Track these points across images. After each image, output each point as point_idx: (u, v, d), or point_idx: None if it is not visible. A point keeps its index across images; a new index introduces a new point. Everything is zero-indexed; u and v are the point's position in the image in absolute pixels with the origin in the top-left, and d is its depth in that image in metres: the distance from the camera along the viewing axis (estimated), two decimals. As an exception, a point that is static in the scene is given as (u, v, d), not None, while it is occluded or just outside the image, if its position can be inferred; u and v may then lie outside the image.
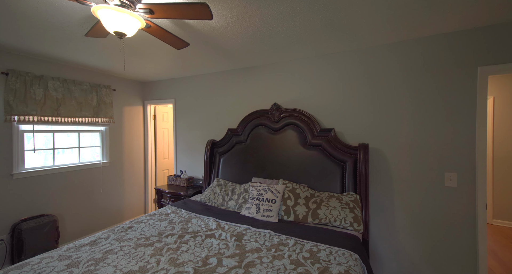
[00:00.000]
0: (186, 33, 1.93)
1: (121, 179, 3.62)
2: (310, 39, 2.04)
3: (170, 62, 2.79)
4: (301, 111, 2.47)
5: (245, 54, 2.48)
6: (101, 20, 1.29)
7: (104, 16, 1.24)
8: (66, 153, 3.06)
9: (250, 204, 2.18)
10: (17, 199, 2.51)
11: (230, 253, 1.49)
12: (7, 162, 2.45)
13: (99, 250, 1.51)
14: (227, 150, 2.99)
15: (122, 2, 1.23)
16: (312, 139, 2.39)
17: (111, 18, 1.25)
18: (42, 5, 1.52)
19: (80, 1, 1.20)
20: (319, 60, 2.49)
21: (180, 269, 1.31)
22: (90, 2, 1.22)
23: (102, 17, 1.25)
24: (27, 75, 2.56)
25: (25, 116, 2.53)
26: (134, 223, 1.98)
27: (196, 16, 1.31)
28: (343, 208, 1.90)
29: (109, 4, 1.21)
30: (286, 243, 1.59)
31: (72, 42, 2.16)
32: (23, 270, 1.28)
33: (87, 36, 1.60)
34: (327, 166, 2.26)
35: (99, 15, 1.25)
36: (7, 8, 1.56)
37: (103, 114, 3.31)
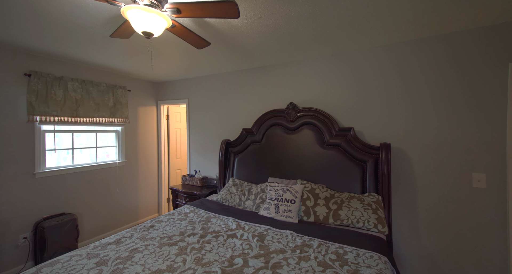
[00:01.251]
0: (206, 32, 1.93)
1: (136, 179, 3.66)
2: (331, 37, 2.00)
3: (184, 62, 2.80)
4: (318, 110, 2.44)
5: (262, 53, 2.46)
6: (129, 21, 1.29)
7: (133, 16, 1.25)
8: (83, 152, 3.12)
9: (269, 204, 2.16)
10: (39, 198, 2.57)
11: (254, 254, 1.48)
12: (29, 161, 2.51)
13: (125, 249, 1.52)
14: (241, 150, 2.99)
15: (151, 1, 1.23)
16: (330, 138, 2.36)
17: (139, 18, 1.25)
18: (69, 7, 1.54)
19: (110, 1, 1.21)
20: (338, 58, 2.45)
21: (207, 269, 1.31)
22: (120, 3, 1.23)
23: (131, 17, 1.26)
24: (48, 77, 2.61)
25: (46, 116, 2.59)
26: (155, 222, 1.99)
27: (223, 15, 1.31)
28: (366, 209, 1.86)
29: (138, 4, 1.22)
30: (310, 244, 1.57)
31: (93, 43, 2.20)
32: (54, 268, 1.30)
33: (112, 36, 1.61)
34: (346, 166, 2.22)
35: (128, 15, 1.26)
36: (33, 10, 1.59)
37: (119, 115, 3.36)
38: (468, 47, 1.88)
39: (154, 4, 1.26)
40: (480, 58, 1.84)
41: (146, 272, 1.28)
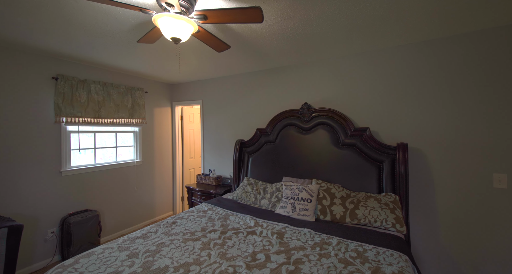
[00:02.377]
0: (226, 36, 2.00)
1: (152, 177, 3.79)
2: (349, 37, 2.03)
3: (201, 64, 2.89)
4: (333, 110, 2.46)
5: (278, 55, 2.51)
6: (160, 27, 1.37)
7: (163, 23, 1.33)
8: (102, 151, 3.25)
9: (285, 203, 2.21)
10: (65, 195, 2.71)
11: (275, 250, 1.53)
12: (56, 160, 2.65)
13: (152, 243, 1.61)
14: (256, 150, 3.04)
15: (181, 9, 1.30)
16: (345, 138, 2.38)
17: (169, 25, 1.33)
18: (100, 14, 1.64)
19: (144, 10, 1.29)
20: (354, 58, 2.47)
21: (232, 263, 1.37)
22: (151, 11, 1.31)
23: (161, 25, 1.34)
24: (73, 80, 2.76)
25: (72, 117, 2.73)
26: (177, 218, 2.07)
27: (247, 20, 1.37)
28: (383, 209, 1.88)
29: (169, 12, 1.29)
30: (329, 242, 1.61)
31: (117, 48, 2.31)
32: (90, 259, 1.39)
33: (140, 42, 1.70)
34: (362, 165, 2.24)
35: (158, 22, 1.34)
36: (65, 18, 1.69)
37: (137, 116, 3.48)
38: (490, 46, 1.86)
39: (183, 11, 1.33)
40: (504, 56, 1.83)
41: (174, 264, 1.36)
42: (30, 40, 2.10)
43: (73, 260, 1.38)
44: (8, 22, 1.75)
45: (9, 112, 2.30)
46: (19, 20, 1.72)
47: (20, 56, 2.38)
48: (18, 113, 2.36)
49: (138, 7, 1.27)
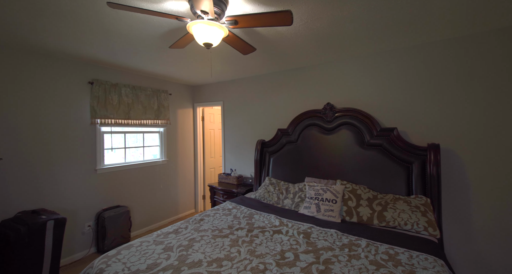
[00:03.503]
0: (251, 38, 2.04)
1: (176, 176, 3.94)
2: (375, 36, 1.99)
3: (224, 66, 2.96)
4: (358, 110, 2.42)
5: (301, 55, 2.52)
6: (193, 34, 1.44)
7: (197, 30, 1.40)
8: (130, 151, 3.44)
9: (309, 203, 2.21)
10: (99, 191, 2.91)
11: (303, 249, 1.55)
12: (92, 159, 2.86)
13: (184, 238, 1.69)
14: (277, 150, 3.07)
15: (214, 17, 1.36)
16: (370, 138, 2.33)
17: (202, 31, 1.39)
18: (137, 23, 1.76)
19: (180, 18, 1.36)
20: (379, 57, 2.42)
21: (261, 260, 1.41)
22: (186, 19, 1.38)
23: (195, 31, 1.41)
24: (106, 84, 2.95)
25: (105, 119, 2.93)
26: (204, 216, 2.16)
27: (276, 23, 1.40)
28: (413, 212, 1.83)
29: (203, 19, 1.36)
30: (357, 243, 1.60)
31: (147, 53, 2.44)
32: (130, 250, 1.50)
33: (172, 47, 1.80)
34: (389, 167, 2.19)
35: (192, 29, 1.41)
36: (104, 27, 1.83)
37: (162, 117, 3.64)
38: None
39: (215, 18, 1.40)
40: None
41: (207, 259, 1.42)
42: (71, 48, 2.28)
43: (115, 251, 1.50)
44: (53, 32, 1.92)
45: (51, 115, 2.52)
46: (63, 31, 1.88)
47: (61, 63, 2.59)
48: (59, 116, 2.58)
49: (174, 16, 1.35)
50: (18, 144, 2.28)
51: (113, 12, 1.59)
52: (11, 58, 2.25)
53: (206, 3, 1.23)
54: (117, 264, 1.35)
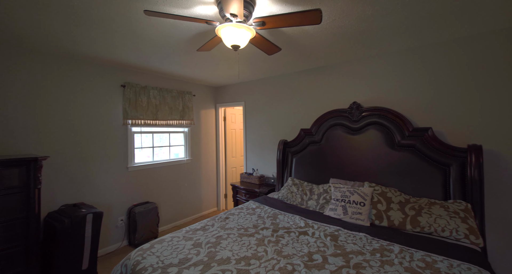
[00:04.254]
0: (276, 38, 2.04)
1: (199, 175, 4.06)
2: (408, 31, 1.89)
3: (247, 67, 2.99)
4: (387, 109, 2.31)
5: (326, 54, 2.46)
6: (221, 37, 1.48)
7: (225, 33, 1.43)
8: (157, 150, 3.61)
9: (335, 205, 2.16)
10: (131, 188, 3.10)
11: (331, 252, 1.51)
12: (124, 157, 3.04)
13: (211, 235, 1.74)
14: (300, 150, 3.03)
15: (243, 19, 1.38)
16: (402, 139, 2.21)
17: (231, 34, 1.42)
18: (167, 28, 1.84)
19: (209, 22, 1.40)
20: (411, 53, 2.29)
21: (289, 260, 1.40)
22: (216, 22, 1.42)
23: (223, 34, 1.44)
24: (136, 86, 3.12)
25: (135, 120, 3.10)
26: (229, 214, 2.20)
27: (304, 23, 1.38)
28: (452, 217, 1.70)
29: (231, 22, 1.38)
30: (389, 249, 1.52)
31: (175, 56, 2.54)
32: (163, 245, 1.58)
33: (199, 50, 1.85)
34: (423, 169, 2.06)
35: (221, 32, 1.44)
36: (136, 33, 1.93)
37: (187, 117, 3.77)
38: None
39: (243, 20, 1.41)
40: None
41: (235, 257, 1.45)
42: (106, 53, 2.45)
43: (149, 245, 1.59)
44: (91, 39, 2.08)
45: (89, 116, 2.73)
46: (100, 37, 2.03)
47: (97, 68, 2.79)
48: (96, 117, 2.78)
49: (204, 20, 1.39)
50: (62, 143, 2.50)
51: (146, 19, 1.68)
52: (56, 65, 2.47)
53: (235, 6, 1.25)
54: (152, 257, 1.43)
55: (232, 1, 1.20)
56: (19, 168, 1.80)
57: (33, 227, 1.86)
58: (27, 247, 1.84)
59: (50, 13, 1.59)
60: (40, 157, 1.91)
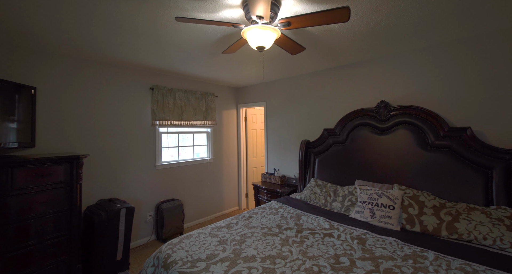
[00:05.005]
0: (300, 37, 2.03)
1: (221, 174, 4.15)
2: (443, 23, 1.77)
3: (269, 67, 3.00)
4: (419, 108, 2.18)
5: (351, 51, 2.39)
6: (247, 39, 1.51)
7: (251, 35, 1.45)
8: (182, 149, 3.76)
9: (361, 208, 2.09)
10: (158, 185, 3.26)
11: (359, 256, 1.47)
12: (152, 156, 3.22)
13: (236, 233, 1.78)
14: (323, 150, 2.97)
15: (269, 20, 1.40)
16: (436, 139, 2.07)
17: (256, 36, 1.44)
18: (194, 32, 1.91)
19: (235, 25, 1.44)
20: (446, 47, 2.14)
21: (315, 262, 1.39)
22: (242, 25, 1.45)
23: (249, 36, 1.47)
24: (164, 89, 3.28)
25: (163, 121, 3.26)
26: (252, 213, 2.23)
27: (332, 21, 1.36)
28: (495, 225, 1.56)
29: (257, 24, 1.41)
30: (423, 255, 1.44)
31: (199, 59, 2.64)
32: (190, 240, 1.65)
33: (224, 53, 1.91)
34: (460, 172, 1.91)
35: (247, 34, 1.47)
36: (165, 39, 2.03)
37: (210, 118, 3.88)
38: None
39: (269, 22, 1.43)
40: None
41: (260, 255, 1.47)
42: (137, 58, 2.61)
43: (178, 239, 1.66)
44: (127, 46, 2.23)
45: (122, 117, 2.93)
46: (134, 44, 2.17)
47: (128, 73, 2.99)
48: (128, 118, 2.98)
49: (231, 23, 1.43)
50: (98, 143, 2.71)
51: (175, 25, 1.77)
52: (95, 71, 2.69)
53: (261, 8, 1.27)
54: (181, 251, 1.50)
55: (258, 4, 1.23)
56: (64, 165, 1.99)
57: (76, 219, 2.04)
58: (71, 236, 2.02)
59: (95, 25, 1.74)
60: (82, 155, 2.09)
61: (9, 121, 1.94)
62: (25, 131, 2.05)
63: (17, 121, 1.99)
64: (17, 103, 2.00)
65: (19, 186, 1.77)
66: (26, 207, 1.79)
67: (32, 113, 2.10)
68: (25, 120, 2.04)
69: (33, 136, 2.11)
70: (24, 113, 2.04)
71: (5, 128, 1.89)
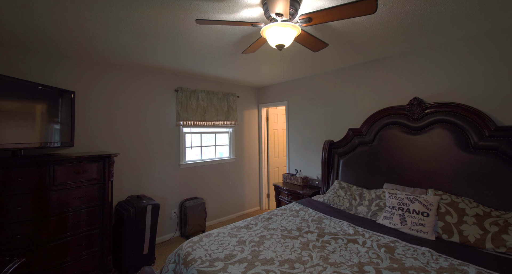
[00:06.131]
0: (322, 33, 1.94)
1: (242, 174, 4.17)
2: (488, 10, 1.56)
3: (291, 66, 2.93)
4: (458, 104, 1.96)
5: (379, 45, 2.24)
6: (266, 37, 1.48)
7: (270, 33, 1.42)
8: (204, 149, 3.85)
9: (390, 214, 1.94)
10: (182, 183, 3.38)
11: (386, 266, 1.36)
12: (176, 155, 3.34)
13: (255, 234, 1.76)
14: (348, 151, 2.83)
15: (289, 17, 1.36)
16: (479, 140, 1.85)
17: (275, 34, 1.41)
18: (215, 34, 1.94)
19: (254, 24, 1.42)
20: (489, 37, 1.89)
21: (337, 269, 1.31)
22: (261, 24, 1.43)
23: (268, 34, 1.44)
24: (187, 90, 3.39)
25: (186, 121, 3.37)
26: (272, 215, 2.19)
27: (357, 14, 1.27)
28: (556, 240, 1.34)
29: (277, 21, 1.37)
30: (462, 270, 1.28)
31: (220, 61, 2.67)
32: (210, 239, 1.67)
33: (244, 53, 1.90)
34: (510, 176, 1.68)
35: (266, 33, 1.45)
36: (189, 42, 2.08)
37: (231, 118, 3.92)
38: None
39: (289, 18, 1.39)
40: None
41: (279, 258, 1.43)
42: (163, 62, 2.73)
43: (198, 238, 1.70)
44: (150, 50, 2.34)
45: (149, 118, 3.09)
46: (157, 48, 2.26)
47: (155, 75, 3.14)
48: (154, 119, 3.13)
49: (250, 23, 1.42)
50: (128, 142, 2.89)
51: (196, 28, 1.81)
52: (124, 75, 2.87)
53: (281, 5, 1.23)
54: (201, 250, 1.52)
55: (277, 1, 1.19)
56: (97, 163, 2.15)
57: (107, 213, 2.19)
58: (103, 230, 2.18)
59: (121, 31, 1.85)
60: (113, 154, 2.24)
61: (54, 123, 2.15)
62: (66, 132, 2.25)
63: (60, 122, 2.20)
64: (60, 107, 2.21)
65: (59, 182, 1.95)
66: (64, 201, 1.96)
67: (71, 115, 2.30)
68: (66, 122, 2.25)
69: (72, 136, 2.32)
70: (65, 116, 2.24)
71: (51, 129, 2.11)
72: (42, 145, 2.01)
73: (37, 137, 1.99)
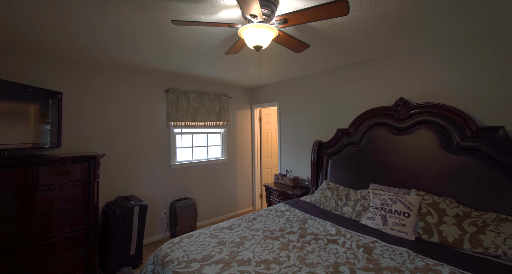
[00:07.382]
0: (304, 35, 1.95)
1: (235, 174, 4.17)
2: (468, 11, 1.57)
3: (278, 67, 2.94)
4: (442, 105, 1.97)
5: (363, 47, 2.24)
6: (244, 38, 1.49)
7: (247, 34, 1.43)
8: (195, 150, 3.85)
9: (373, 214, 1.94)
10: (172, 184, 3.38)
11: (362, 266, 1.36)
12: (167, 156, 3.34)
13: (237, 235, 1.77)
14: (336, 152, 2.83)
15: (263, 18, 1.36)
16: (462, 141, 1.85)
17: (252, 35, 1.41)
18: (197, 35, 1.94)
19: (231, 25, 1.43)
20: (472, 39, 1.90)
21: (311, 269, 1.32)
22: (237, 25, 1.43)
23: (245, 35, 1.44)
24: (178, 91, 3.40)
25: (177, 122, 3.37)
26: (257, 215, 2.20)
27: (330, 16, 1.28)
28: (531, 240, 1.34)
29: (253, 23, 1.38)
30: (436, 270, 1.29)
31: (208, 61, 2.68)
32: (190, 240, 1.68)
33: (227, 54, 1.91)
34: (491, 177, 1.68)
35: (243, 34, 1.45)
36: (174, 43, 2.09)
37: (223, 118, 3.93)
38: None
39: (265, 20, 1.39)
40: None
41: (256, 259, 1.43)
42: (151, 63, 2.73)
43: (179, 239, 1.70)
44: (135, 51, 2.34)
45: (138, 119, 3.09)
46: (141, 49, 2.27)
47: (145, 76, 3.14)
48: (143, 120, 3.13)
49: (226, 24, 1.42)
50: (116, 143, 2.90)
51: (178, 29, 1.81)
52: (112, 75, 2.88)
53: (255, 7, 1.24)
54: (179, 251, 1.53)
55: (249, 3, 1.20)
56: (82, 163, 2.16)
57: (92, 214, 2.20)
58: (88, 231, 2.18)
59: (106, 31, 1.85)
60: (98, 155, 2.25)
61: (45, 124, 2.16)
62: (54, 132, 2.26)
63: (50, 123, 2.21)
64: (50, 108, 2.22)
65: (43, 183, 1.95)
66: (49, 202, 1.97)
67: (59, 116, 2.31)
68: (54, 123, 2.25)
69: (59, 137, 2.32)
70: (54, 117, 2.25)
71: (42, 130, 2.12)
72: (34, 145, 2.03)
73: (29, 138, 2.01)
